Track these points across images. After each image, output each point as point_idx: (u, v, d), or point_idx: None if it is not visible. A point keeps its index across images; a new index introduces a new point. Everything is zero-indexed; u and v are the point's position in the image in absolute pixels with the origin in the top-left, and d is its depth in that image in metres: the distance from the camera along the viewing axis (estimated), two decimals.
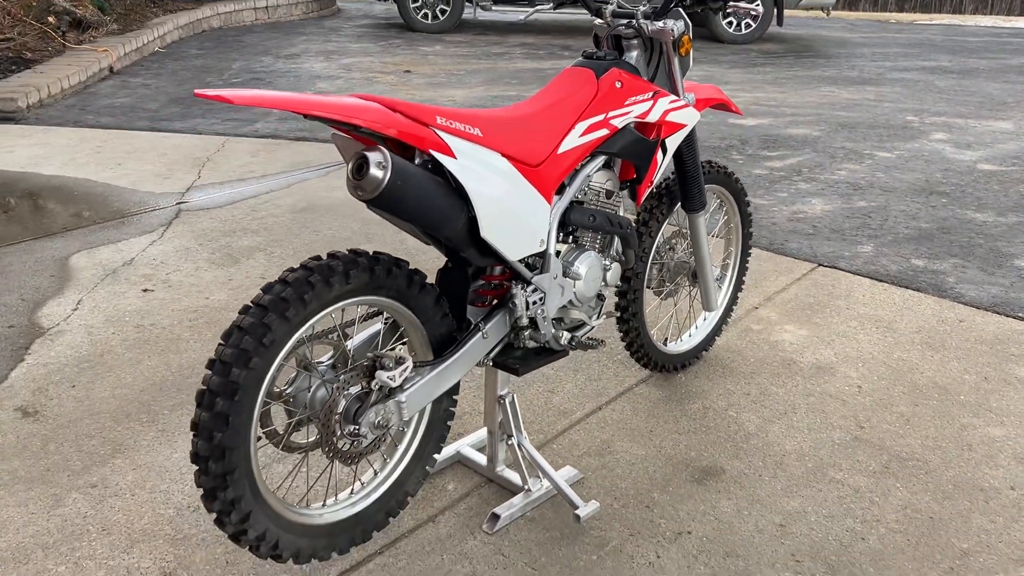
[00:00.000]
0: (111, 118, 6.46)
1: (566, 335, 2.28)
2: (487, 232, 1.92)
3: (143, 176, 5.16)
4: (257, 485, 1.75)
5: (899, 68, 9.58)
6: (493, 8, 11.11)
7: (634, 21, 2.41)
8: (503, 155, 2.00)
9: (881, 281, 3.86)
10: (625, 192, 2.49)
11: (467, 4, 11.31)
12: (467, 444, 2.56)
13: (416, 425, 2.12)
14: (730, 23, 11.03)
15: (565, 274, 2.24)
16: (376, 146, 1.75)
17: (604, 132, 2.25)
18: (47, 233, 4.23)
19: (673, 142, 2.46)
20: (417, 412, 1.99)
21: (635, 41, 2.47)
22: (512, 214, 1.99)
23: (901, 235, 4.42)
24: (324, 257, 1.82)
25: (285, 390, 1.88)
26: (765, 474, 2.53)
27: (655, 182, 2.47)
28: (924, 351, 3.24)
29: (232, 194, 4.87)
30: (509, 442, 2.36)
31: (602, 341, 2.34)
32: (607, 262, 2.38)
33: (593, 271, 2.30)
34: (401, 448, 2.11)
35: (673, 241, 2.91)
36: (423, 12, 11.25)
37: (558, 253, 2.26)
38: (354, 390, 1.88)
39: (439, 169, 1.85)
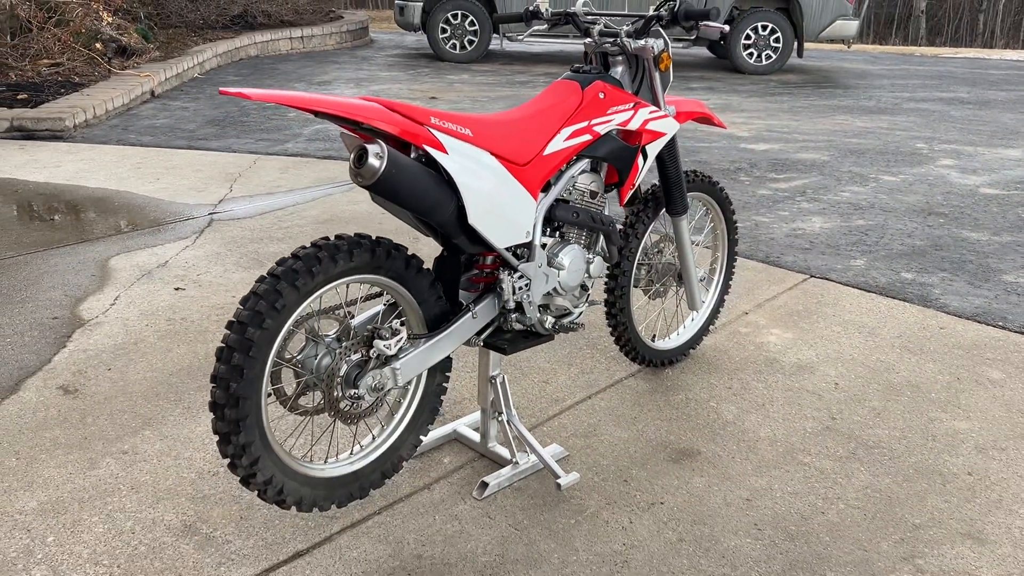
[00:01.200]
0: (151, 137, 6.84)
1: (551, 320, 2.52)
2: (474, 220, 2.17)
3: (179, 189, 5.49)
4: (266, 435, 2.00)
5: (916, 99, 9.77)
6: (519, 39, 11.48)
7: (618, 39, 2.66)
8: (492, 153, 2.26)
9: (869, 291, 4.06)
10: (611, 194, 2.74)
11: (494, 35, 11.68)
12: (463, 424, 2.79)
13: (411, 396, 2.36)
14: (751, 54, 11.28)
15: (550, 264, 2.48)
16: (375, 140, 2.01)
17: (588, 137, 2.50)
18: (90, 238, 4.55)
19: (653, 149, 2.70)
20: (411, 378, 2.23)
21: (620, 57, 2.73)
22: (499, 205, 2.24)
23: (894, 251, 4.61)
24: (332, 238, 2.09)
25: (295, 357, 2.13)
26: (738, 456, 2.74)
27: (636, 184, 2.72)
28: (902, 354, 3.43)
29: (261, 206, 5.18)
30: (499, 419, 2.59)
31: (582, 324, 2.58)
32: (590, 256, 2.62)
33: (576, 263, 2.54)
34: (397, 416, 2.35)
35: (661, 244, 3.14)
36: (451, 42, 11.63)
37: (544, 245, 2.51)
38: (355, 357, 2.13)
39: (432, 163, 2.11)
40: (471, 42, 11.62)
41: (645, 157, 2.69)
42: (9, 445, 2.69)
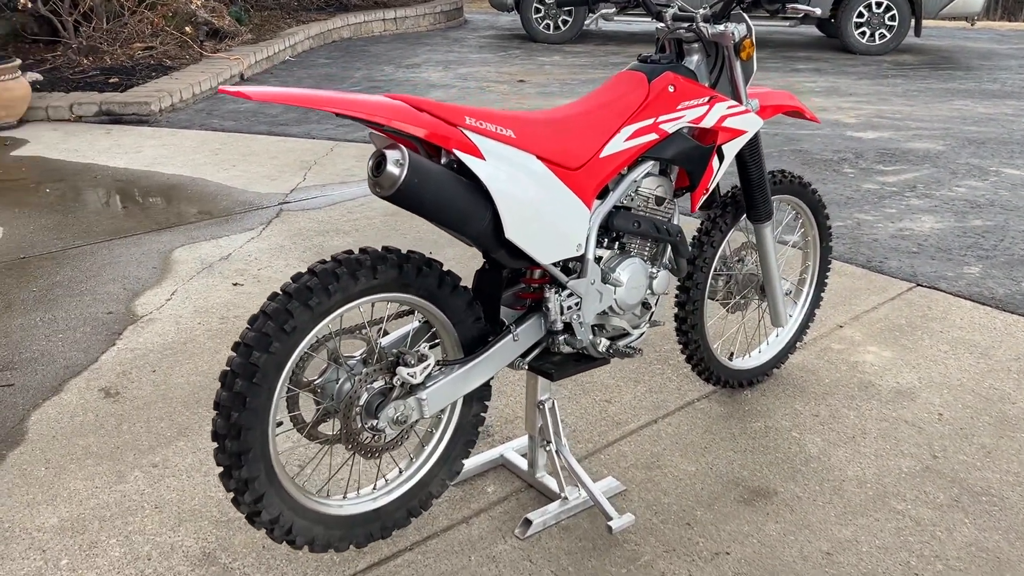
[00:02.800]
0: (233, 122, 6.81)
1: (604, 342, 2.24)
2: (512, 233, 1.92)
3: (253, 177, 5.40)
4: (274, 468, 1.81)
5: None
6: (614, 18, 11.07)
7: (694, 24, 2.35)
8: (538, 157, 1.99)
9: (984, 304, 3.62)
10: (682, 198, 2.43)
11: (589, 15, 11.31)
12: (511, 448, 2.55)
13: (444, 427, 2.13)
14: (863, 33, 10.59)
15: (604, 280, 2.20)
16: (397, 144, 1.77)
17: (653, 137, 2.21)
18: (157, 228, 4.49)
19: (731, 149, 2.38)
20: (439, 410, 2.00)
21: (695, 45, 2.42)
22: (543, 216, 1.98)
23: (1016, 257, 4.13)
24: (356, 252, 1.87)
25: (314, 380, 1.93)
26: (820, 499, 2.41)
27: (711, 189, 2.40)
28: (1021, 380, 3.01)
29: (332, 196, 5.03)
30: (547, 448, 2.34)
31: (639, 350, 2.29)
32: (654, 269, 2.33)
33: (636, 278, 2.26)
34: (428, 449, 2.13)
35: (742, 252, 2.82)
36: (545, 23, 11.32)
37: (599, 259, 2.23)
38: (377, 385, 1.91)
39: (464, 169, 1.86)
40: (564, 22, 11.29)
41: (721, 158, 2.37)
42: (41, 452, 2.59)
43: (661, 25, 2.41)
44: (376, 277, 1.84)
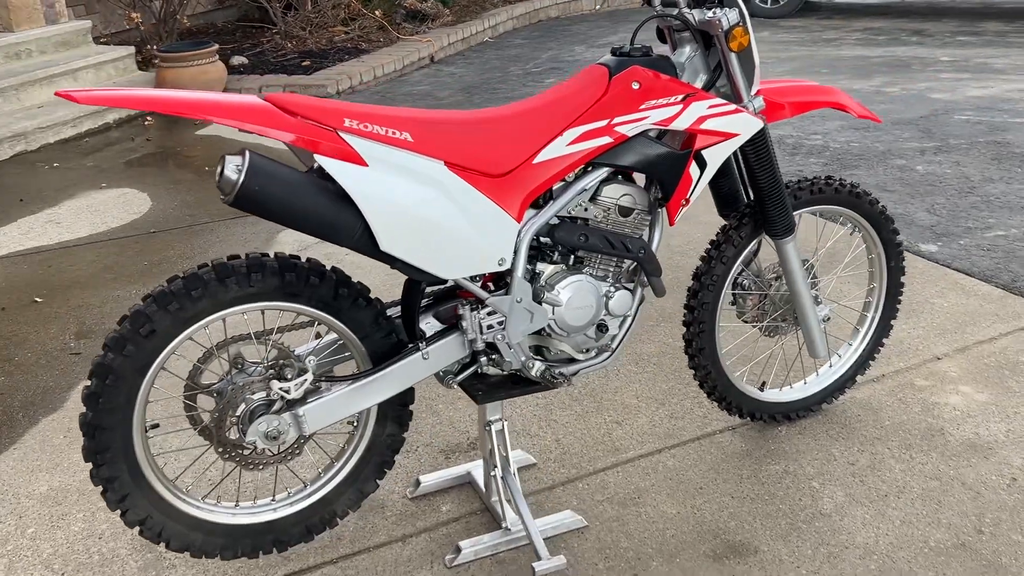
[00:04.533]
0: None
1: (539, 365, 2.03)
2: (390, 245, 1.77)
3: None
4: (140, 469, 1.80)
5: None
6: None
7: (679, 10, 2.05)
8: (446, 163, 1.83)
9: None
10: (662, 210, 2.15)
11: None
12: (479, 467, 2.40)
13: (355, 445, 2.03)
14: None
15: (538, 298, 1.99)
16: (246, 150, 1.70)
17: (606, 140, 1.95)
18: None
19: (715, 155, 2.06)
20: (320, 428, 1.90)
21: (686, 34, 2.12)
22: (443, 228, 1.82)
23: None
24: (241, 257, 1.82)
25: (213, 384, 1.91)
26: (805, 567, 2.06)
27: (690, 200, 2.09)
28: None
29: None
30: (491, 474, 2.17)
31: (568, 379, 2.05)
32: (610, 288, 2.07)
33: (580, 298, 2.02)
34: (337, 466, 2.04)
35: (779, 269, 2.46)
36: None
37: (541, 274, 2.02)
38: (257, 396, 1.85)
39: None
40: None
41: (703, 165, 2.06)
42: (68, 421, 2.78)
43: (652, 10, 2.13)
44: (251, 285, 1.78)
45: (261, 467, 1.92)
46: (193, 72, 6.72)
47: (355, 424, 2.03)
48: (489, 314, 1.96)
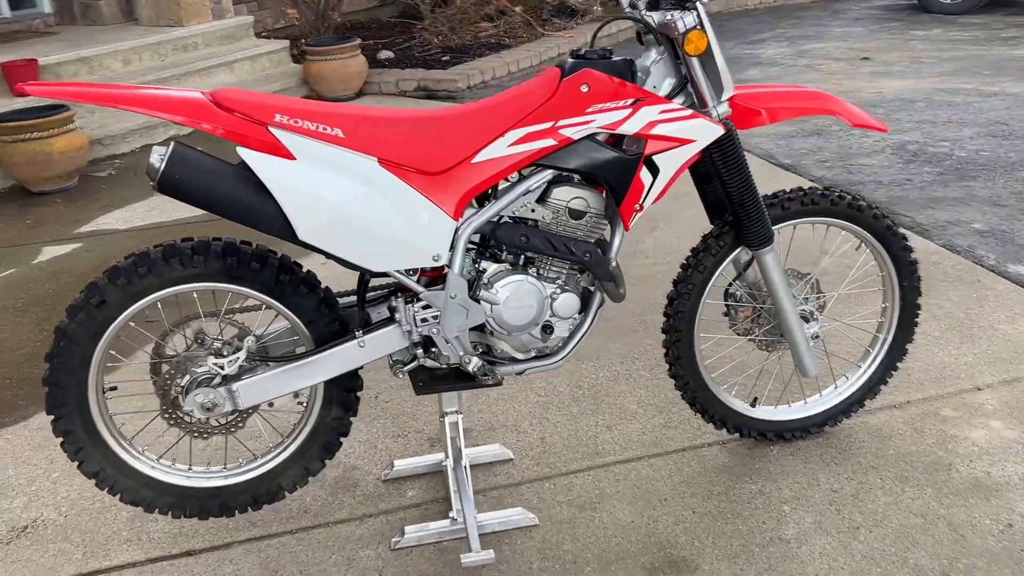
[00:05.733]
0: None
1: (476, 361, 2.06)
2: (309, 236, 1.87)
3: None
4: (95, 426, 1.99)
5: None
6: None
7: (636, 11, 2.02)
8: (380, 160, 1.90)
9: None
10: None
11: None
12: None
13: (303, 424, 2.14)
14: None
15: (474, 295, 2.02)
16: (171, 140, 1.85)
17: (549, 142, 1.96)
18: None
19: (668, 161, 2.00)
20: (255, 404, 2.01)
21: (650, 37, 2.08)
22: (371, 222, 1.89)
23: None
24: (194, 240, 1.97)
25: (174, 356, 2.08)
26: None
27: (644, 206, 2.05)
28: None
29: None
30: (442, 463, 2.23)
31: (494, 376, 2.07)
32: (554, 289, 2.07)
33: (520, 298, 2.03)
34: (286, 443, 2.16)
35: None
36: None
37: (483, 271, 2.05)
38: (201, 369, 2.00)
39: None
40: None
41: (655, 171, 2.01)
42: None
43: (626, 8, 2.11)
44: (194, 265, 1.93)
45: (206, 436, 2.07)
46: (334, 65, 7.10)
47: (304, 404, 2.14)
48: (424, 308, 2.01)
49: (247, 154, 1.82)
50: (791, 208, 2.26)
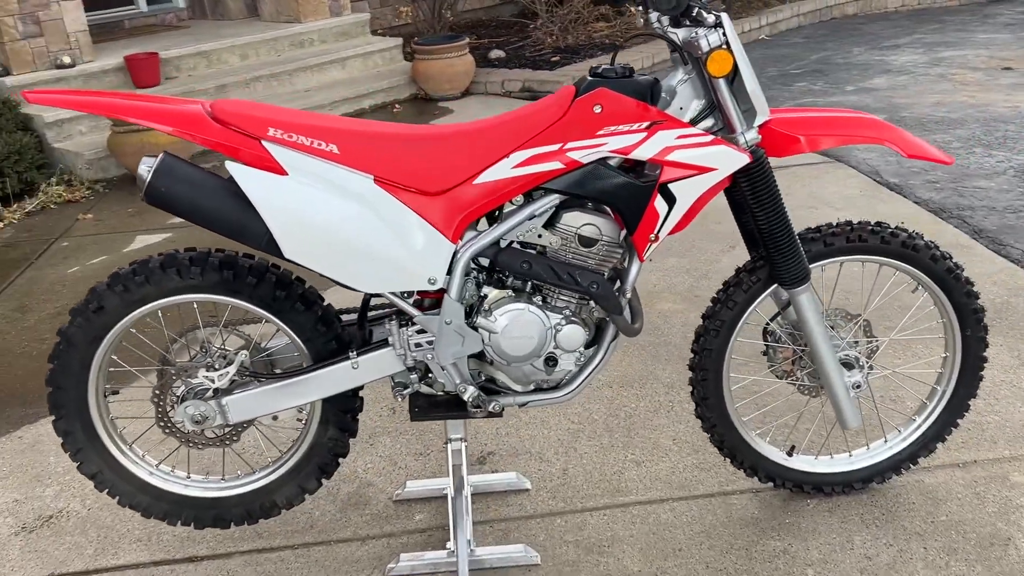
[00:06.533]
0: None
1: (472, 390, 1.96)
2: (294, 254, 1.82)
3: None
4: (95, 429, 2.01)
5: None
6: None
7: (657, 26, 1.87)
8: (376, 178, 1.84)
9: None
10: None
11: None
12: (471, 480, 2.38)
13: (300, 442, 2.10)
14: None
15: (472, 324, 1.92)
16: (166, 152, 1.83)
17: (556, 165, 1.84)
18: None
19: (685, 189, 1.84)
20: (245, 419, 1.98)
21: (676, 55, 1.92)
22: (363, 242, 1.83)
23: None
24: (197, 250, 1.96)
25: (179, 362, 2.08)
26: None
27: (660, 237, 1.89)
28: None
29: None
30: (442, 492, 2.15)
31: (487, 408, 1.96)
32: (559, 320, 1.94)
33: (520, 327, 1.91)
34: (283, 459, 2.12)
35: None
36: None
37: (484, 297, 1.95)
38: (196, 380, 1.99)
39: None
40: None
41: (671, 200, 1.86)
42: None
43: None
44: (192, 277, 1.91)
45: (201, 447, 2.06)
46: (441, 65, 7.11)
47: (302, 422, 2.10)
48: (419, 332, 1.94)
49: (235, 168, 1.79)
50: (835, 244, 2.06)
